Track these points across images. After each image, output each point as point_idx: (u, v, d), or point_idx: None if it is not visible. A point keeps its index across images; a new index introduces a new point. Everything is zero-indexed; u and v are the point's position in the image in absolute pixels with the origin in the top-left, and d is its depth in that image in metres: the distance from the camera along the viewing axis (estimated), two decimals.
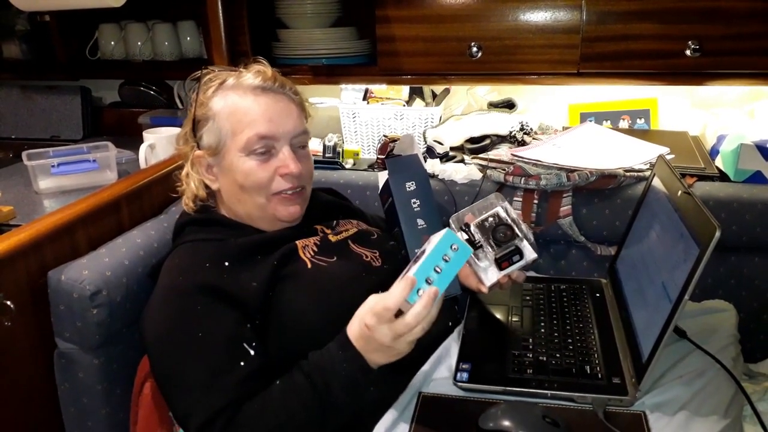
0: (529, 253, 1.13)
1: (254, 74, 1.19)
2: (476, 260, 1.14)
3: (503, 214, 1.15)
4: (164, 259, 1.19)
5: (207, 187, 1.23)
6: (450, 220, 1.19)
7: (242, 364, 1.01)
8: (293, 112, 1.20)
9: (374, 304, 0.92)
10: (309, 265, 1.15)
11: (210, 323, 1.04)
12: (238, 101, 1.17)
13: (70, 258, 1.21)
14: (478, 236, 1.13)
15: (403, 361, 1.05)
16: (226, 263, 1.11)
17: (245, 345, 1.03)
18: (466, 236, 1.14)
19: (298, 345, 1.03)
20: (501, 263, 1.13)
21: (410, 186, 1.10)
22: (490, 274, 1.14)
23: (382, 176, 1.65)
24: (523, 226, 1.14)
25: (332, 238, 1.24)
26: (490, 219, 1.15)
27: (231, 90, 1.18)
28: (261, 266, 1.12)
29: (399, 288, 0.90)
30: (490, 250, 1.13)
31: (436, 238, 0.93)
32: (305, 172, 1.20)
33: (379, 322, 0.91)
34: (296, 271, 1.13)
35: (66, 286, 1.14)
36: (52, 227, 1.21)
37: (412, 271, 0.91)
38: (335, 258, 1.18)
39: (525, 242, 1.13)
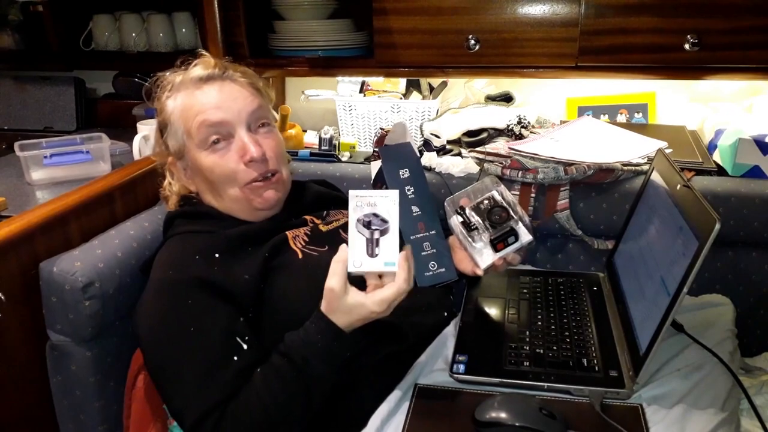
0: (525, 235, 1.13)
1: (196, 66, 1.19)
2: (471, 242, 1.13)
3: (498, 197, 1.14)
4: (155, 253, 1.17)
5: (188, 190, 1.24)
6: (445, 203, 1.18)
7: (235, 359, 1.00)
8: (243, 95, 1.18)
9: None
10: (300, 255, 1.14)
11: (202, 318, 1.03)
12: (185, 99, 1.17)
13: (62, 250, 1.20)
14: (473, 219, 1.13)
15: (400, 352, 1.05)
16: (216, 255, 1.09)
17: (238, 339, 1.03)
18: (461, 219, 1.13)
19: None
20: (496, 245, 1.13)
21: (404, 173, 1.09)
22: (486, 256, 1.14)
23: (375, 165, 1.64)
24: (519, 209, 1.14)
25: (323, 228, 1.23)
26: (486, 202, 1.15)
27: (177, 89, 1.18)
28: (252, 258, 1.11)
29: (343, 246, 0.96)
30: (486, 231, 1.13)
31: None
32: (271, 152, 1.17)
33: (333, 276, 0.95)
34: (287, 262, 1.12)
35: (58, 278, 1.13)
36: (44, 218, 1.20)
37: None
38: (326, 247, 1.17)
39: (520, 224, 1.13)
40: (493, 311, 1.23)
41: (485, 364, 1.06)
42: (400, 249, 0.95)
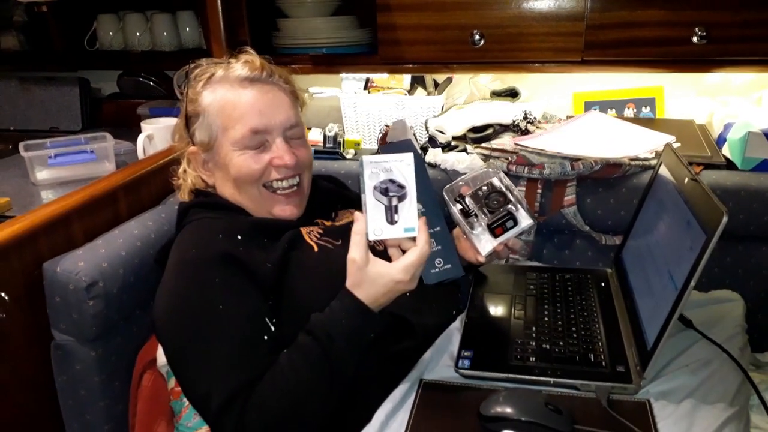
0: (524, 219, 1.12)
1: (242, 65, 1.17)
2: (470, 229, 1.13)
3: (497, 183, 1.14)
4: (169, 244, 1.16)
5: (203, 181, 1.23)
6: (444, 192, 1.18)
7: (265, 338, 0.99)
8: (284, 103, 1.18)
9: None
10: (316, 249, 1.13)
11: (231, 295, 1.01)
12: (226, 95, 1.15)
13: (66, 249, 1.19)
14: (472, 206, 1.13)
15: (407, 348, 1.03)
16: (239, 237, 1.08)
17: (266, 319, 1.01)
18: (460, 206, 1.13)
19: None
20: (494, 230, 1.12)
21: None
22: (485, 243, 1.13)
23: None
24: (517, 192, 1.13)
25: (336, 223, 1.23)
26: (484, 188, 1.14)
27: (219, 84, 1.17)
28: (271, 248, 1.09)
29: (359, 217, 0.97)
30: (484, 217, 1.12)
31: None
32: (302, 160, 1.18)
33: (354, 247, 0.95)
34: (304, 257, 1.11)
35: (61, 278, 1.13)
36: (47, 218, 1.20)
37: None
38: (340, 241, 1.16)
39: (520, 208, 1.12)
40: (499, 307, 1.22)
41: (491, 359, 1.05)
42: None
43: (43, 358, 1.18)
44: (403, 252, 0.97)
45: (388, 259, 0.97)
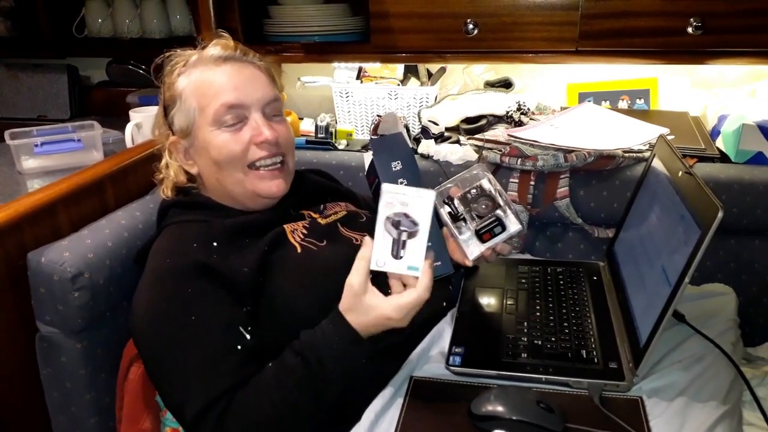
0: (512, 225, 1.11)
1: (215, 46, 1.16)
2: (458, 233, 1.12)
3: (487, 186, 1.12)
4: (148, 243, 1.15)
5: (187, 173, 1.21)
6: None
7: (239, 348, 0.98)
8: (260, 79, 1.16)
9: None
10: (299, 249, 1.11)
11: (203, 305, 1.00)
12: (201, 75, 1.14)
13: (51, 239, 1.17)
14: (460, 209, 1.11)
15: (395, 344, 1.02)
16: (215, 244, 1.07)
17: (241, 328, 1.00)
18: (449, 209, 1.12)
19: (290, 332, 0.99)
20: (482, 235, 1.11)
21: (396, 166, 1.06)
22: (473, 247, 1.12)
23: (368, 157, 1.61)
24: (507, 197, 1.12)
25: (321, 221, 1.20)
26: (473, 191, 1.13)
27: (194, 66, 1.15)
28: (250, 250, 1.08)
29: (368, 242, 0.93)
30: (472, 222, 1.11)
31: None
32: (282, 139, 1.16)
33: (354, 273, 0.93)
34: (286, 257, 1.10)
35: (46, 269, 1.11)
36: (32, 207, 1.17)
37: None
38: (325, 242, 1.15)
39: (509, 213, 1.11)
40: (490, 302, 1.21)
41: (482, 356, 1.04)
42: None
43: (28, 350, 1.17)
44: (405, 286, 0.95)
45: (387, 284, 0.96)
